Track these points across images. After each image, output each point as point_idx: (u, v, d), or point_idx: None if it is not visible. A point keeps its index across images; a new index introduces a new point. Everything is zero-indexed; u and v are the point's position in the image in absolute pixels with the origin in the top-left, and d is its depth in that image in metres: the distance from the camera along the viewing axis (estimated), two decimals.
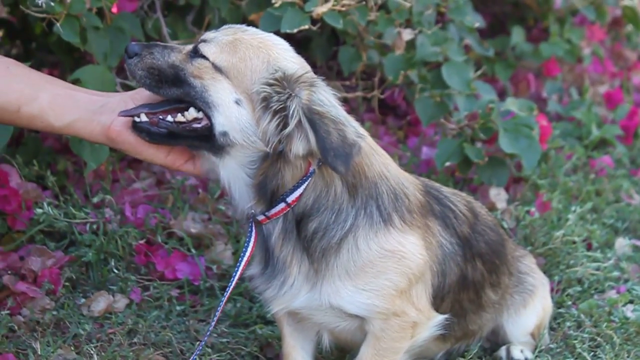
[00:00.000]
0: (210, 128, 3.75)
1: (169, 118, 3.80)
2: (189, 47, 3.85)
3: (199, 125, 3.77)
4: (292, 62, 3.78)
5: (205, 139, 3.77)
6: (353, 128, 3.68)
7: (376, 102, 6.32)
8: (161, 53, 3.83)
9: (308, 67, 3.85)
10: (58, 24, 4.82)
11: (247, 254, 3.90)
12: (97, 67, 5.06)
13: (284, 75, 3.68)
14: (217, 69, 3.73)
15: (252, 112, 3.70)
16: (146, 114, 3.81)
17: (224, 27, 3.89)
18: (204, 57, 3.76)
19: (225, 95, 3.72)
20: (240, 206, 3.87)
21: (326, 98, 3.67)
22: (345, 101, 6.17)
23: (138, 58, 3.81)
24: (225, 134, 3.72)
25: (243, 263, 3.91)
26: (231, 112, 3.71)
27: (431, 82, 5.92)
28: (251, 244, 3.90)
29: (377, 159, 3.93)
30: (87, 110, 3.87)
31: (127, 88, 5.16)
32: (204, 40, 3.81)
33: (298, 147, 3.64)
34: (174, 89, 3.78)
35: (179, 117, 3.78)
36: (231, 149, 3.75)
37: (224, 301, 3.97)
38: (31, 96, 3.85)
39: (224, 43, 3.77)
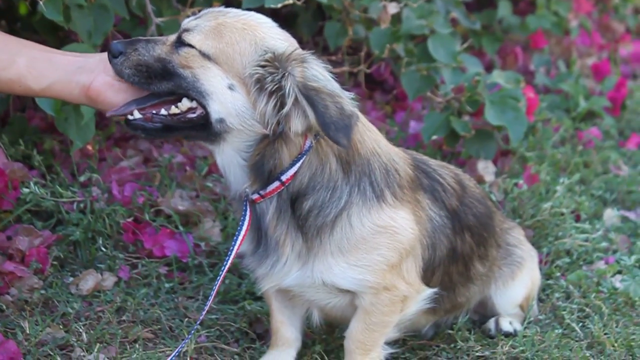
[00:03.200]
0: (206, 116, 3.72)
1: (163, 111, 3.77)
2: (172, 37, 3.81)
3: (194, 115, 3.75)
4: (279, 40, 3.75)
5: (202, 128, 3.75)
6: (348, 99, 3.67)
7: (363, 77, 6.31)
8: (145, 48, 3.78)
9: (295, 42, 3.83)
10: (41, 3, 4.78)
11: (242, 233, 3.88)
12: (82, 46, 5.01)
13: (274, 55, 3.65)
14: (205, 56, 3.69)
15: (246, 95, 3.67)
16: (139, 110, 3.78)
17: (204, 12, 3.85)
18: (190, 45, 3.72)
19: (217, 82, 3.68)
20: (235, 188, 3.87)
21: (319, 72, 3.65)
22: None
23: (123, 57, 3.76)
24: (221, 120, 3.70)
25: (238, 243, 3.88)
26: (225, 98, 3.68)
27: (417, 56, 5.92)
28: (246, 224, 3.87)
29: (368, 135, 3.93)
30: (66, 71, 3.85)
31: None
32: (187, 30, 3.76)
33: (297, 124, 3.62)
34: (165, 82, 3.74)
35: (173, 109, 3.75)
36: (228, 135, 3.73)
37: (219, 282, 3.95)
38: (8, 61, 3.84)
39: (208, 29, 3.73)
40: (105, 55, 3.87)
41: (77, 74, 3.84)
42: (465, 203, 4.28)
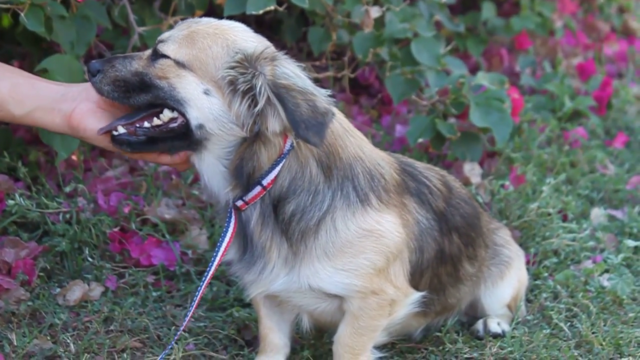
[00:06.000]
0: (186, 125, 3.74)
1: (146, 124, 3.80)
2: (148, 52, 3.85)
3: (175, 125, 3.77)
4: (250, 41, 3.78)
5: (184, 137, 3.77)
6: (323, 96, 3.67)
7: (347, 82, 6.31)
8: (122, 64, 3.82)
9: (268, 43, 3.84)
10: (22, 15, 4.77)
11: (226, 240, 3.89)
12: (64, 57, 5.02)
13: (244, 56, 3.68)
14: (180, 64, 3.72)
15: (222, 98, 3.69)
16: (123, 125, 3.80)
17: (178, 24, 3.89)
18: (164, 56, 3.75)
19: (193, 89, 3.71)
20: (217, 194, 3.87)
21: (290, 70, 3.67)
22: (317, 82, 6.15)
23: (101, 74, 3.80)
24: (201, 126, 3.71)
25: (222, 250, 3.89)
26: (202, 103, 3.70)
27: (401, 59, 5.92)
28: (230, 231, 3.89)
29: (351, 140, 3.93)
30: (48, 98, 3.84)
31: None
32: (161, 41, 3.80)
33: (274, 124, 3.64)
34: (143, 95, 3.78)
35: (156, 121, 3.78)
36: (208, 142, 3.74)
37: (202, 290, 3.94)
38: None
39: (181, 38, 3.77)
40: (88, 84, 3.88)
41: (60, 102, 3.85)
42: (452, 204, 4.29)
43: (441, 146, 5.89)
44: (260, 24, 6.47)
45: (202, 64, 3.71)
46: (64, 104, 3.84)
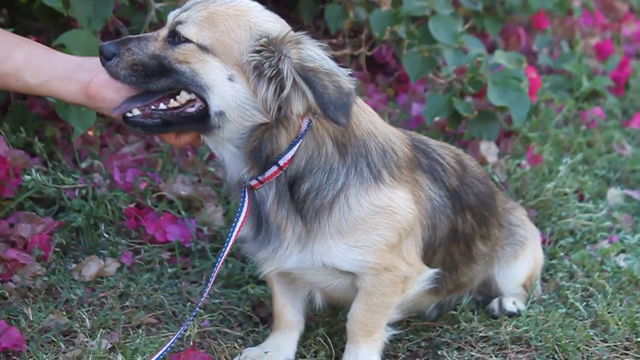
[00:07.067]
0: (205, 109, 3.69)
1: (162, 106, 3.73)
2: (163, 32, 3.75)
3: (193, 109, 3.71)
4: (272, 23, 3.73)
5: (200, 121, 3.72)
6: (345, 76, 3.65)
7: (364, 60, 6.29)
8: (138, 46, 3.72)
9: (286, 24, 3.80)
10: None
11: (241, 220, 3.87)
12: (81, 32, 5.01)
13: (269, 39, 3.63)
14: (203, 48, 3.64)
15: (246, 84, 3.64)
16: (138, 107, 3.73)
17: (190, 3, 3.78)
18: (186, 39, 3.66)
19: (217, 75, 3.64)
20: (232, 174, 3.85)
21: (315, 52, 3.63)
22: (334, 60, 6.14)
23: (117, 58, 3.70)
24: (221, 113, 3.67)
25: (236, 230, 3.87)
26: (226, 90, 3.65)
27: (419, 37, 5.90)
28: (244, 210, 3.87)
29: (364, 116, 3.91)
30: (65, 68, 3.81)
31: None
32: (179, 22, 3.70)
33: (298, 106, 3.60)
34: (163, 79, 3.69)
35: (172, 103, 3.72)
36: (224, 128, 3.70)
37: (217, 268, 3.93)
38: (4, 55, 3.79)
39: (201, 20, 3.67)
40: None
41: (77, 71, 3.80)
42: (465, 183, 4.27)
43: (458, 125, 5.88)
44: (276, 1, 6.45)
45: (226, 47, 3.64)
46: (82, 73, 3.79)
